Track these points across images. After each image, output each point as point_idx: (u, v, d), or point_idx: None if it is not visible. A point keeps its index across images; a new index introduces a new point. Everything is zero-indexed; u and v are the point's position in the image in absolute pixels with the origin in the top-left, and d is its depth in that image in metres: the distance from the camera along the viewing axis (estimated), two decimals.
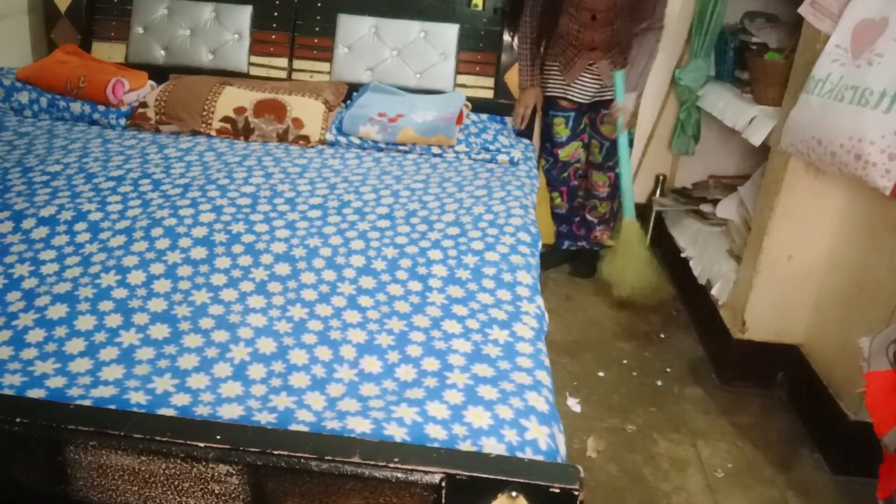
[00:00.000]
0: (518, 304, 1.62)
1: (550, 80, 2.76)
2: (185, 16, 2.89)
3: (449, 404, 1.26)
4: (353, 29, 2.85)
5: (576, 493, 0.98)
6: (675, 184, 3.23)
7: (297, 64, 2.90)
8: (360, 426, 1.17)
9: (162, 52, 2.90)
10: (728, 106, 2.61)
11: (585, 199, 3.01)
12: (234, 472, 1.03)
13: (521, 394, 1.29)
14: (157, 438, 1.03)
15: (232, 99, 2.54)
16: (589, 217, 3.01)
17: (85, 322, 1.45)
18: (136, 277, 1.60)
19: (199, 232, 1.80)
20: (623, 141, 2.67)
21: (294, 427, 1.19)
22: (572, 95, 2.75)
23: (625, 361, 2.48)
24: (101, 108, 2.59)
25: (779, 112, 2.24)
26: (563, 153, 2.87)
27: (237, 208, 1.93)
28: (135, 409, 1.20)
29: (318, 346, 1.44)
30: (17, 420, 1.05)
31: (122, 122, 2.56)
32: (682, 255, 2.83)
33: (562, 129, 2.83)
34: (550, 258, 3.01)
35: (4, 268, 1.62)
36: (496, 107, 2.82)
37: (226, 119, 2.52)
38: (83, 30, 2.93)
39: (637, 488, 1.93)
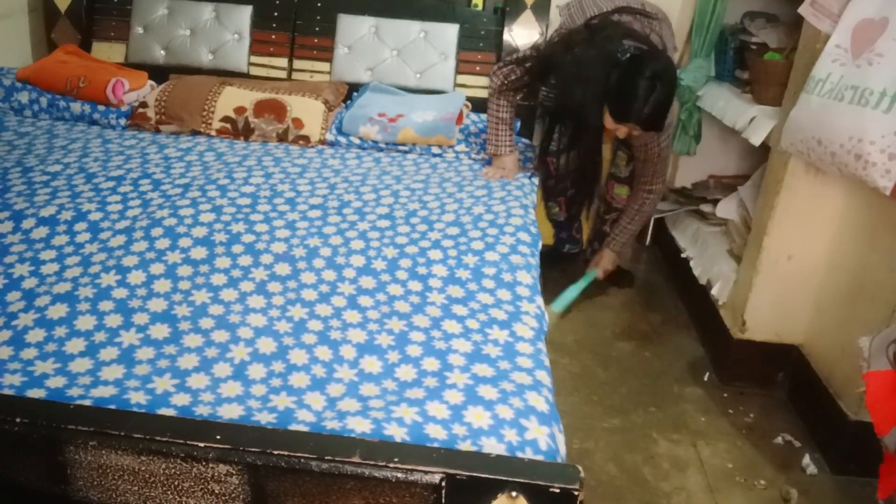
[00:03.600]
0: (518, 303, 1.62)
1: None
2: (185, 16, 2.89)
3: (449, 404, 1.26)
4: (353, 29, 2.85)
5: (576, 493, 0.98)
6: (675, 184, 3.23)
7: (297, 64, 2.90)
8: (360, 426, 1.17)
9: (162, 52, 2.90)
10: (728, 106, 2.61)
11: (606, 211, 2.87)
12: (234, 472, 1.03)
13: (521, 394, 1.29)
14: (157, 438, 1.03)
15: (232, 99, 2.54)
16: (608, 230, 2.87)
17: (85, 322, 1.45)
18: (136, 277, 1.60)
19: (199, 232, 1.80)
20: (581, 286, 2.65)
21: (294, 427, 1.19)
22: None
23: (625, 361, 2.48)
24: (101, 108, 2.59)
25: (779, 112, 2.24)
26: (559, 162, 2.72)
27: (237, 208, 1.93)
28: (135, 409, 1.20)
29: (318, 346, 1.44)
30: (17, 420, 1.05)
31: (122, 122, 2.57)
32: (682, 255, 2.83)
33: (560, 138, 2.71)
34: (550, 259, 3.00)
35: (4, 268, 1.62)
36: None
37: (226, 119, 2.52)
38: (83, 30, 2.93)
39: (637, 488, 1.93)
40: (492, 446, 1.17)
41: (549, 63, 2.25)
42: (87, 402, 1.21)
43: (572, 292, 2.60)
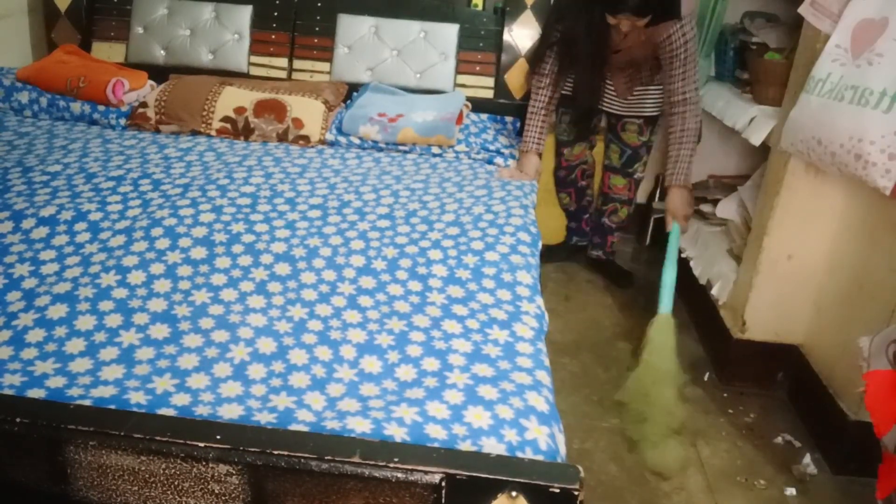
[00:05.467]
0: (518, 303, 1.62)
1: (567, 82, 2.60)
2: (185, 16, 2.89)
3: (449, 404, 1.26)
4: (353, 29, 2.85)
5: (576, 493, 0.98)
6: None
7: (297, 64, 2.90)
8: (360, 426, 1.17)
9: (162, 52, 2.90)
10: (728, 106, 2.61)
11: (604, 202, 2.95)
12: (234, 472, 1.03)
13: (521, 394, 1.29)
14: (157, 438, 1.03)
15: (232, 99, 2.54)
16: (607, 222, 2.95)
17: (85, 322, 1.45)
18: (136, 277, 1.60)
19: (199, 232, 1.80)
20: (675, 240, 2.39)
21: (294, 427, 1.19)
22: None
23: (625, 361, 2.48)
24: (101, 108, 2.59)
25: (779, 112, 2.24)
26: (567, 153, 2.85)
27: (237, 208, 1.93)
28: (135, 409, 1.20)
29: (318, 345, 1.44)
30: (17, 420, 1.05)
31: (122, 122, 2.57)
32: (682, 255, 2.82)
33: (568, 129, 2.81)
34: (559, 252, 3.05)
35: (4, 268, 1.62)
36: (496, 107, 2.82)
37: (226, 119, 2.52)
38: (83, 30, 2.93)
39: (637, 488, 1.93)
40: (492, 446, 1.17)
41: (551, 21, 2.39)
42: (87, 402, 1.21)
43: (670, 274, 2.28)
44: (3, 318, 1.45)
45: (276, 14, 2.88)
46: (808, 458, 2.02)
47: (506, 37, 2.81)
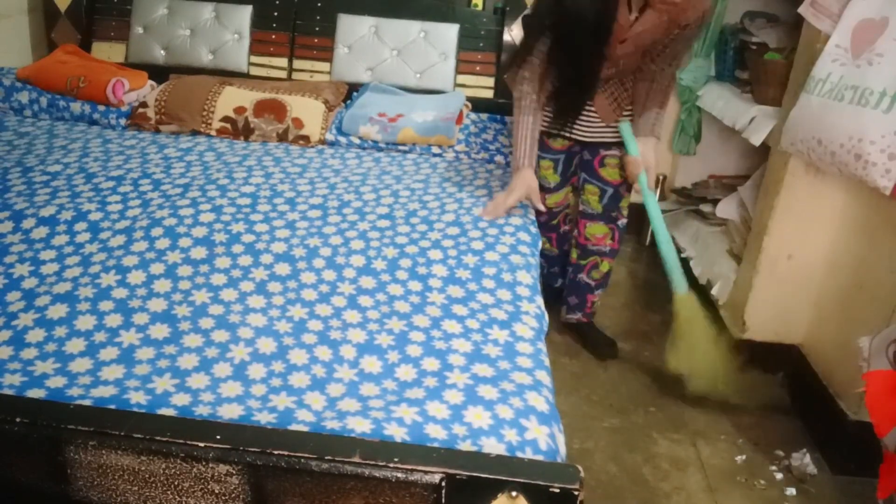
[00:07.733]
0: (518, 303, 1.62)
1: (543, 115, 2.19)
2: (185, 16, 2.89)
3: (449, 404, 1.26)
4: (353, 29, 2.85)
5: (576, 493, 0.98)
6: (675, 184, 3.24)
7: (297, 64, 2.90)
8: (360, 426, 1.17)
9: (162, 52, 2.91)
10: (728, 106, 2.61)
11: (581, 256, 2.45)
12: (234, 472, 1.03)
13: (521, 394, 1.29)
14: (157, 438, 1.03)
15: (232, 99, 2.54)
16: (585, 279, 2.46)
17: (85, 322, 1.45)
18: (136, 277, 1.60)
19: (199, 232, 1.80)
20: (653, 204, 2.19)
21: (294, 427, 1.19)
22: (571, 133, 2.27)
23: (625, 361, 2.48)
24: (101, 108, 2.59)
25: (779, 112, 2.24)
26: (550, 200, 2.39)
27: (237, 208, 1.93)
28: (135, 409, 1.20)
29: (318, 345, 1.44)
30: (17, 420, 1.05)
31: (122, 122, 2.57)
32: (682, 255, 2.82)
33: (549, 174, 2.36)
34: (548, 297, 1.97)
35: (4, 268, 1.62)
36: (496, 107, 2.82)
37: (226, 119, 2.52)
38: (83, 30, 2.94)
39: (637, 488, 1.93)
40: (492, 446, 1.17)
41: (538, 20, 2.07)
42: (87, 402, 1.21)
43: (669, 252, 2.19)
44: (3, 318, 1.45)
45: (276, 14, 2.88)
46: (808, 458, 2.02)
47: (506, 37, 2.81)
